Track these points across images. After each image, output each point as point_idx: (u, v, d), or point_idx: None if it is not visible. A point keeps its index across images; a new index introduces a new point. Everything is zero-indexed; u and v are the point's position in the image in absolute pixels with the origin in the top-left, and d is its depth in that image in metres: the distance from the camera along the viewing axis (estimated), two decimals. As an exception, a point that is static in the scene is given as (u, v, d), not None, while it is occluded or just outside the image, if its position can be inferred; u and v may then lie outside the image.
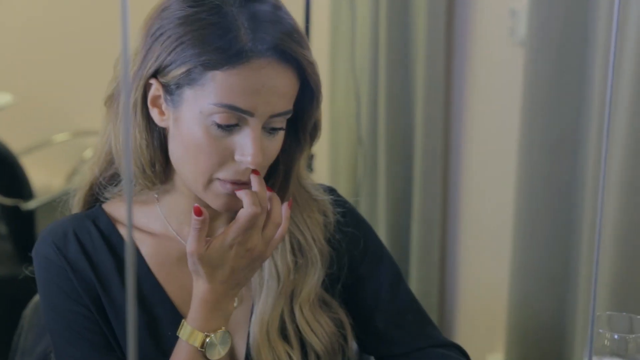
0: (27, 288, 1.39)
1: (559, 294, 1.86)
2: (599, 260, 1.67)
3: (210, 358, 1.09)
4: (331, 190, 1.27)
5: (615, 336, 1.08)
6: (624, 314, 1.14)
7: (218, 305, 1.09)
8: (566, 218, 1.83)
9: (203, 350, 1.08)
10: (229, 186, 1.07)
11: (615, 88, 1.63)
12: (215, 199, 1.09)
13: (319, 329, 1.18)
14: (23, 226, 2.67)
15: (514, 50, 2.06)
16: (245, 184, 1.08)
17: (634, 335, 1.08)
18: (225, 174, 1.07)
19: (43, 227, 2.71)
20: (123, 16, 0.51)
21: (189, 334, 1.09)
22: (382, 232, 2.43)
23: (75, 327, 1.14)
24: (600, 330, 1.09)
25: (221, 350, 1.10)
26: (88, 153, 3.14)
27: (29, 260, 1.22)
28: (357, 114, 2.54)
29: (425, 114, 2.24)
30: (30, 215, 2.64)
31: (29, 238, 2.65)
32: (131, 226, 0.55)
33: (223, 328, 1.09)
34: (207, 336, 1.08)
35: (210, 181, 1.07)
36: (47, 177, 3.12)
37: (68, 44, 3.32)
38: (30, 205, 2.67)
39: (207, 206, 1.14)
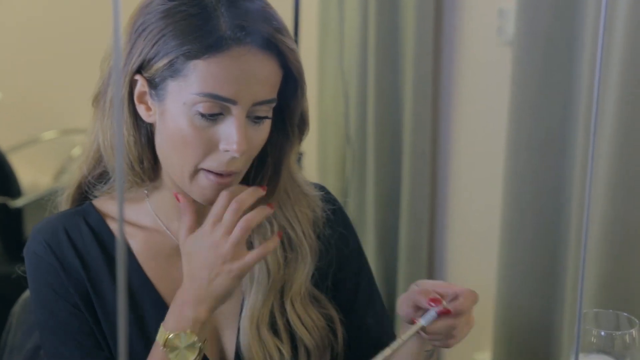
0: (16, 285, 1.39)
1: (547, 292, 1.87)
2: (586, 258, 1.69)
3: None
4: (321, 188, 1.28)
5: (602, 333, 1.09)
6: (611, 311, 1.15)
7: (183, 306, 1.07)
8: (553, 217, 1.84)
9: (166, 350, 1.07)
10: (212, 177, 1.08)
11: (603, 87, 1.64)
12: (200, 192, 1.10)
13: (309, 322, 1.18)
14: (11, 224, 2.67)
15: (502, 49, 2.07)
16: (230, 176, 1.09)
17: (620, 332, 1.09)
18: (210, 163, 1.07)
19: (31, 224, 2.71)
20: (115, 16, 0.52)
21: (159, 332, 1.09)
22: (370, 231, 2.43)
23: (63, 325, 1.15)
24: (587, 327, 1.10)
25: (188, 355, 1.07)
26: (76, 151, 3.13)
27: (17, 258, 1.22)
28: (346, 113, 2.54)
29: (414, 113, 2.25)
30: (18, 213, 2.64)
31: (17, 236, 2.64)
32: (122, 220, 0.55)
33: (188, 331, 1.07)
34: (169, 334, 1.07)
35: (195, 172, 1.08)
36: (35, 174, 3.12)
37: (57, 42, 3.31)
38: (19, 203, 2.66)
39: (194, 201, 1.14)
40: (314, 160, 2.74)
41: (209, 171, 1.08)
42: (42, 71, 3.32)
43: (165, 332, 1.07)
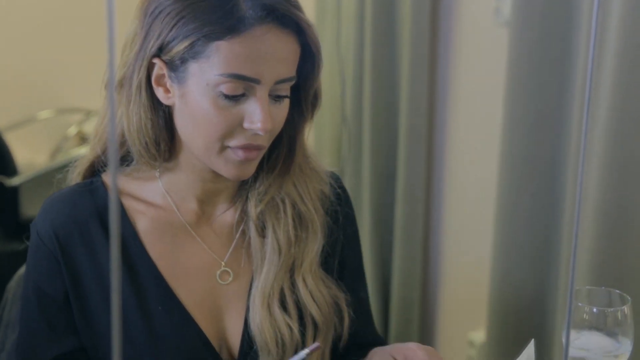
0: (11, 261, 1.40)
1: (541, 271, 1.88)
2: (579, 236, 1.69)
3: None
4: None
5: (594, 310, 1.10)
6: (603, 288, 1.15)
7: None
8: (548, 195, 1.84)
9: None
10: (240, 153, 1.09)
11: (598, 69, 1.65)
12: (227, 167, 1.11)
13: (320, 298, 1.19)
14: (7, 202, 2.67)
15: (498, 30, 2.06)
16: (257, 148, 1.10)
17: (612, 309, 1.10)
18: (236, 141, 1.09)
19: (27, 203, 2.70)
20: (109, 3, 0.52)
21: None
22: (366, 209, 2.44)
23: (43, 305, 1.17)
24: (580, 304, 1.10)
25: None
26: (72, 130, 3.12)
27: (13, 236, 1.23)
28: (342, 93, 2.54)
29: (410, 92, 2.25)
30: (14, 191, 2.64)
31: (13, 214, 2.65)
32: (116, 205, 0.55)
33: None
34: None
35: (222, 149, 1.09)
36: (31, 153, 3.11)
37: (54, 22, 3.30)
38: (14, 181, 2.66)
39: (214, 180, 1.15)
40: (310, 140, 2.73)
41: (236, 147, 1.09)
42: (38, 50, 3.31)
43: None
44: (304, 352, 1.10)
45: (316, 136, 2.75)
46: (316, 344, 1.11)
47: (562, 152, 1.81)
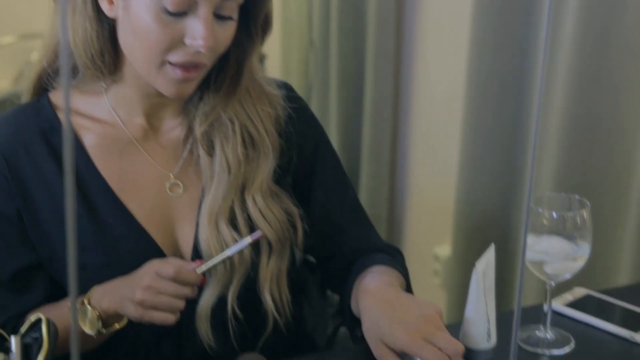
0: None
1: (505, 185, 1.90)
2: (543, 146, 1.71)
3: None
4: (285, 85, 1.29)
5: (554, 215, 1.11)
6: (563, 194, 1.17)
7: (106, 293, 1.11)
8: (513, 109, 1.86)
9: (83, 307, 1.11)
10: (178, 72, 1.09)
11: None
12: (166, 85, 1.10)
13: (271, 216, 1.20)
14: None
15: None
16: (197, 66, 1.09)
17: (571, 213, 1.12)
18: (175, 57, 1.08)
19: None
20: None
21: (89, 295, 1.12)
22: (333, 131, 2.45)
23: None
24: (539, 210, 1.12)
25: (88, 324, 1.11)
26: (34, 56, 3.07)
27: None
28: (309, 16, 2.52)
29: (377, 13, 2.24)
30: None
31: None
32: (69, 123, 0.55)
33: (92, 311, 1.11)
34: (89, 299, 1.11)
35: (161, 64, 1.08)
36: (-7, 79, 3.07)
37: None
38: (-23, 107, 2.63)
39: (158, 94, 1.14)
40: (277, 64, 2.73)
41: (175, 65, 1.08)
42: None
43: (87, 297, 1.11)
44: (245, 240, 1.11)
45: (283, 60, 2.73)
46: (258, 232, 1.12)
47: (527, 67, 1.82)
